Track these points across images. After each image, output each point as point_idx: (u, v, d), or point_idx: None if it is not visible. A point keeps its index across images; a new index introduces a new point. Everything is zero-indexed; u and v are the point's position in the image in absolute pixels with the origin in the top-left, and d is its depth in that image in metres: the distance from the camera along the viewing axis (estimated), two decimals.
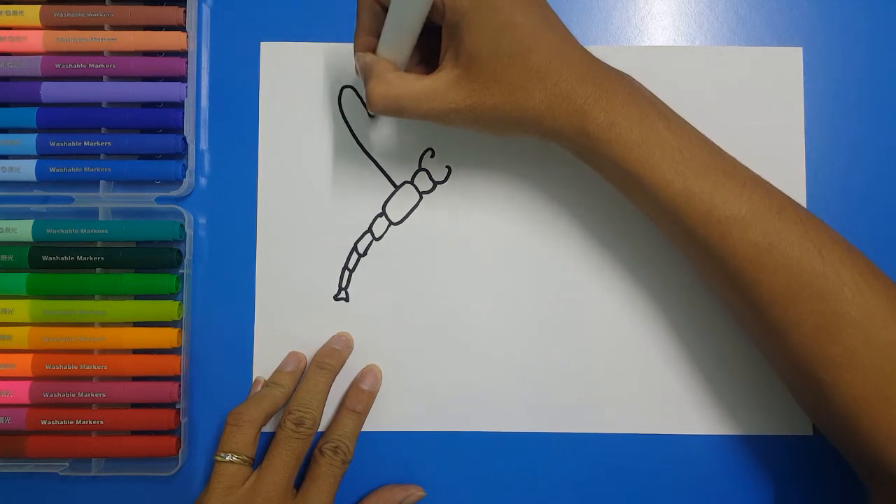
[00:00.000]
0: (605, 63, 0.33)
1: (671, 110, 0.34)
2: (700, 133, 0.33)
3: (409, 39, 0.32)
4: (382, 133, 0.41)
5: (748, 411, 0.39)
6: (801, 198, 0.40)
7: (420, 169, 0.41)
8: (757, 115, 0.41)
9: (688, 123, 0.33)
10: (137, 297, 0.40)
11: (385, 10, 0.32)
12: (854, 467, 0.33)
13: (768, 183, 0.33)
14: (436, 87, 0.32)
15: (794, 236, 0.31)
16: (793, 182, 0.40)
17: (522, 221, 0.40)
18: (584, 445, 0.39)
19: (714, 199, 0.31)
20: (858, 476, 0.33)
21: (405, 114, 0.32)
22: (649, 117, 0.32)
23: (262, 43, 0.41)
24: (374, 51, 0.33)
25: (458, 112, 0.32)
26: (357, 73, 0.34)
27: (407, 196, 0.41)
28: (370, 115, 0.41)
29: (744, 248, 0.31)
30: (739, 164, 0.33)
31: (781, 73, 0.41)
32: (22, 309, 0.39)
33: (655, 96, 0.34)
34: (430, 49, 0.34)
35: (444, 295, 0.40)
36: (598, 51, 0.41)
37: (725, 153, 0.33)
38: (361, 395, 0.39)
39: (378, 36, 0.33)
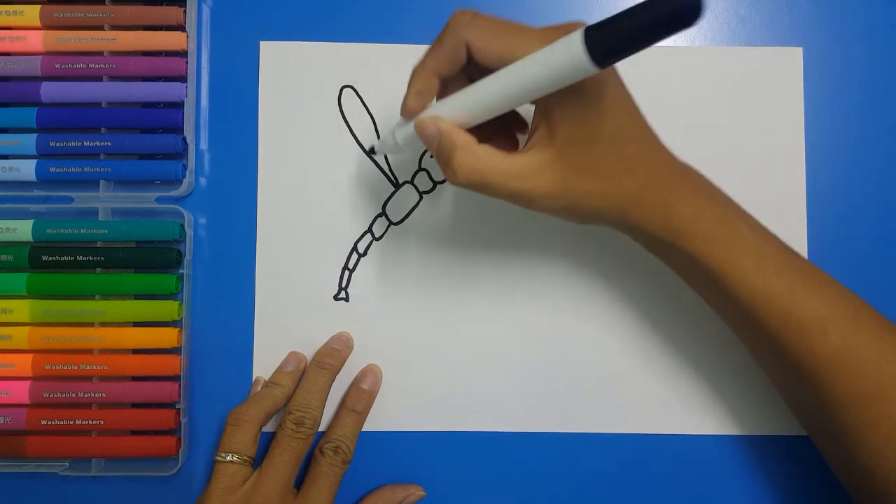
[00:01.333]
0: (680, 159, 0.33)
1: (743, 209, 0.33)
2: (772, 232, 0.33)
3: (497, 113, 0.30)
4: (383, 132, 0.41)
5: (748, 411, 0.39)
6: (801, 198, 0.40)
7: (420, 168, 0.41)
8: (757, 116, 0.41)
9: (759, 222, 0.33)
10: (137, 297, 0.40)
11: (470, 61, 0.30)
12: None
13: (840, 283, 0.33)
14: (528, 166, 0.30)
15: (869, 337, 0.31)
16: (793, 182, 0.40)
17: (523, 221, 0.40)
18: (584, 446, 0.39)
19: (795, 299, 0.31)
20: None
21: (488, 190, 0.30)
22: (729, 215, 0.32)
23: (261, 42, 0.41)
24: (429, 95, 0.31)
25: (549, 197, 0.30)
26: (423, 138, 0.31)
27: (407, 196, 0.41)
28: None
29: (823, 349, 0.31)
30: (811, 263, 0.33)
31: (781, 73, 0.41)
32: (22, 309, 0.39)
33: (726, 193, 0.33)
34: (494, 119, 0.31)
35: (444, 295, 0.40)
36: None
37: (799, 254, 0.33)
38: (362, 395, 0.39)
39: (443, 81, 0.30)
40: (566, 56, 0.25)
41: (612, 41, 0.24)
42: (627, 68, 0.40)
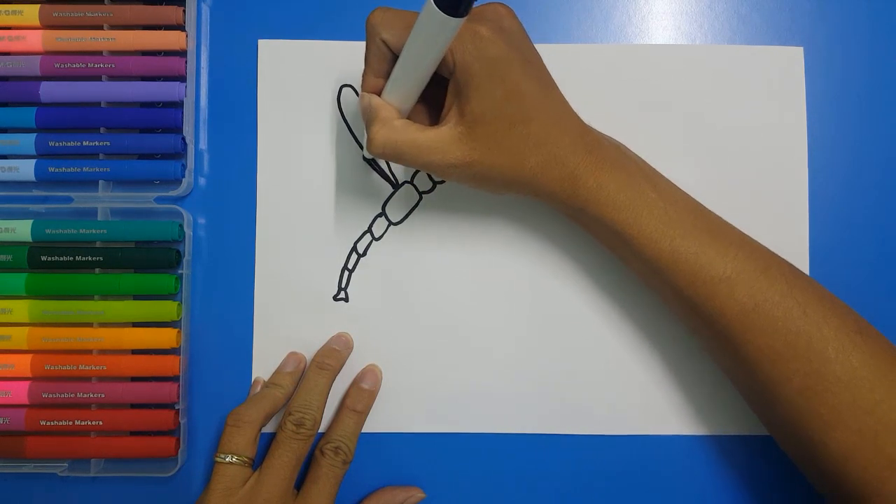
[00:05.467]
0: (596, 130, 0.35)
1: (659, 174, 0.35)
2: (687, 195, 0.34)
3: (415, 89, 0.32)
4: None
5: (744, 411, 0.39)
6: (803, 198, 0.40)
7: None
8: (758, 115, 0.40)
9: (675, 186, 0.35)
10: (136, 298, 0.40)
11: (393, 54, 0.32)
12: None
13: (755, 242, 0.34)
14: (438, 140, 0.32)
15: (777, 296, 0.31)
16: (795, 181, 0.40)
17: (521, 221, 0.40)
18: (585, 447, 0.39)
19: (700, 260, 0.32)
20: None
21: (403, 161, 0.33)
22: (637, 181, 0.33)
23: (259, 41, 0.41)
24: (379, 93, 0.34)
25: (457, 168, 0.33)
26: (360, 113, 0.35)
27: (407, 196, 0.41)
28: (364, 159, 0.40)
29: (730, 307, 0.32)
30: (726, 223, 0.34)
31: (783, 72, 0.41)
32: (21, 309, 0.39)
33: (644, 161, 0.35)
34: (434, 98, 0.34)
35: (443, 295, 0.40)
36: (599, 49, 0.41)
37: (712, 214, 0.34)
38: (362, 395, 0.38)
39: (385, 78, 0.33)
40: (428, 19, 0.28)
41: None
42: (627, 67, 0.41)
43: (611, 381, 0.40)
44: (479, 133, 0.32)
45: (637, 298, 0.40)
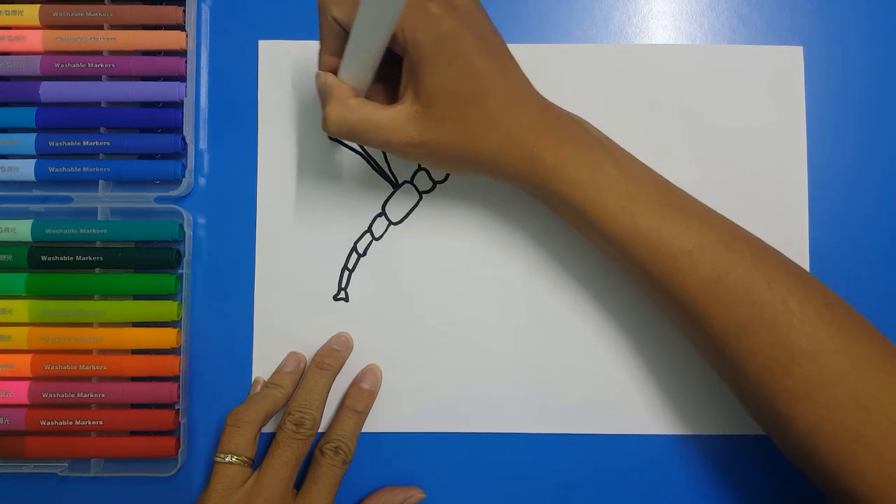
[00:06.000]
0: (558, 107, 0.34)
1: (622, 150, 0.34)
2: (650, 170, 0.34)
3: (368, 67, 0.32)
4: None
5: (742, 411, 0.39)
6: (803, 198, 0.40)
7: (420, 168, 0.41)
8: (758, 115, 0.40)
9: (638, 161, 0.34)
10: (136, 298, 0.40)
11: (346, 32, 0.32)
12: (815, 485, 0.33)
13: (719, 215, 0.33)
14: (394, 119, 0.32)
15: (742, 268, 0.31)
16: (794, 181, 0.40)
17: (522, 221, 0.40)
18: (586, 446, 0.39)
19: (662, 234, 0.32)
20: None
21: (360, 139, 0.33)
22: (598, 157, 0.33)
23: (259, 41, 0.41)
24: (336, 72, 0.33)
25: (414, 146, 0.32)
26: (317, 91, 0.34)
27: (407, 196, 0.41)
28: (330, 137, 0.40)
29: (693, 281, 0.31)
30: (690, 198, 0.34)
31: (782, 72, 0.41)
32: (21, 309, 0.39)
33: (606, 137, 0.34)
34: (394, 77, 0.34)
35: (443, 295, 0.40)
36: (598, 49, 0.41)
37: (676, 188, 0.34)
38: (362, 395, 0.38)
39: (340, 57, 0.33)
40: None
41: None
42: (627, 67, 0.41)
43: (612, 380, 0.40)
44: (434, 111, 0.32)
45: (639, 300, 0.40)
